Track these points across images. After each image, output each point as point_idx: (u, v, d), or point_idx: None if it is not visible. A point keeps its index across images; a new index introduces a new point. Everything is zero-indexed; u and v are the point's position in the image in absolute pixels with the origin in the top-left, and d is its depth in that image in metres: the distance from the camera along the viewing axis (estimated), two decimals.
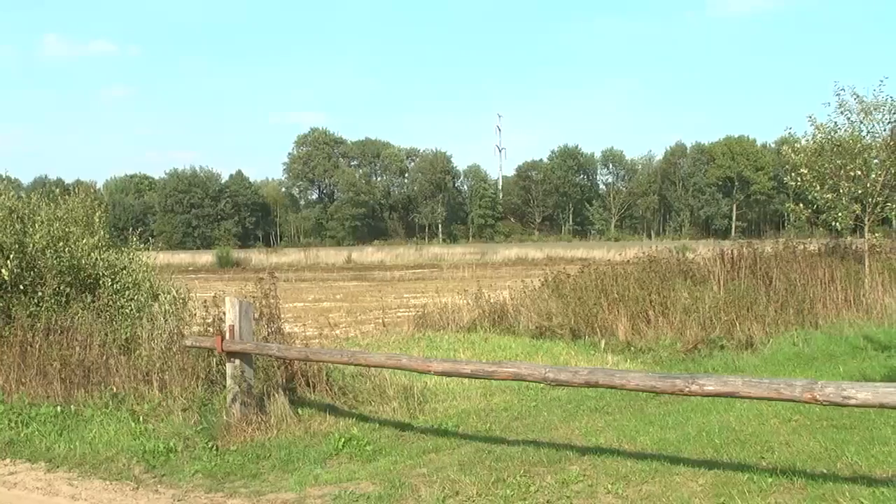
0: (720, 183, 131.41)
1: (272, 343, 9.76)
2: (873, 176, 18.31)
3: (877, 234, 19.51)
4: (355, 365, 9.24)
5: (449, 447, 8.24)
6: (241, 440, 8.68)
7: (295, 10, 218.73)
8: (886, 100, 18.49)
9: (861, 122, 18.67)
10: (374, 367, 9.53)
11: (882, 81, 18.83)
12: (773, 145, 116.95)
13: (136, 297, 12.09)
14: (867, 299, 16.29)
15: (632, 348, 14.39)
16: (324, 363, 9.91)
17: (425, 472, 7.27)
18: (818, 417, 8.27)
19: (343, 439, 8.50)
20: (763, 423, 8.33)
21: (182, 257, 76.99)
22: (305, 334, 14.83)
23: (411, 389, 10.34)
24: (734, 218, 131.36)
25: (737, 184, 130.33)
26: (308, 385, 10.14)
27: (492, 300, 19.15)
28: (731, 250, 18.81)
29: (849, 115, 18.75)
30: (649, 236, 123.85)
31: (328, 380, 10.24)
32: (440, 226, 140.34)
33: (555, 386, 8.27)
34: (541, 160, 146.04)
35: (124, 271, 12.48)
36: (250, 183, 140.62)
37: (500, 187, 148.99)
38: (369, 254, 79.90)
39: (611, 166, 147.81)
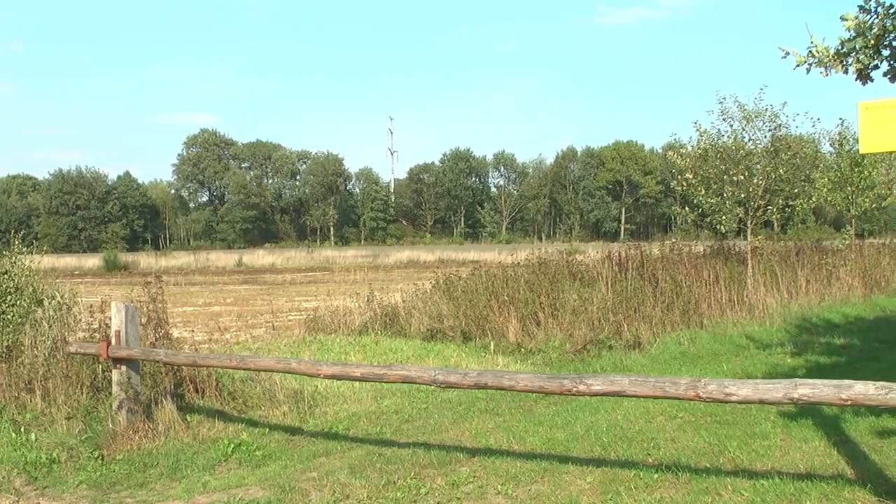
0: (609, 186, 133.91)
1: (159, 348, 9.61)
2: (755, 181, 18.88)
3: (759, 237, 20.20)
4: (245, 369, 9.16)
5: (339, 451, 8.22)
6: (128, 448, 8.51)
7: (183, 8, 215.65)
8: (766, 108, 19.08)
9: (743, 129, 19.24)
10: (264, 370, 9.48)
11: (762, 89, 19.47)
12: (660, 150, 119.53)
13: (18, 303, 11.70)
14: (750, 299, 16.78)
15: (522, 350, 14.50)
16: (213, 368, 9.76)
17: (315, 477, 7.24)
18: (703, 414, 8.51)
19: (232, 445, 8.43)
20: (649, 421, 8.51)
21: (68, 261, 74.60)
22: (195, 339, 14.65)
23: (301, 393, 10.30)
24: (623, 221, 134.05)
25: (626, 187, 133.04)
26: (197, 391, 10.00)
27: (383, 303, 19.10)
28: (619, 252, 19.14)
29: (731, 123, 19.32)
30: (540, 238, 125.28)
31: (217, 385, 10.10)
32: (332, 228, 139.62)
33: (445, 388, 8.32)
34: (433, 163, 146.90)
35: (5, 276, 12.07)
36: (139, 184, 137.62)
37: (392, 190, 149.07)
38: (260, 257, 78.72)
39: (502, 169, 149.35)
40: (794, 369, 10.89)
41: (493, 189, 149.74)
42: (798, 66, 6.66)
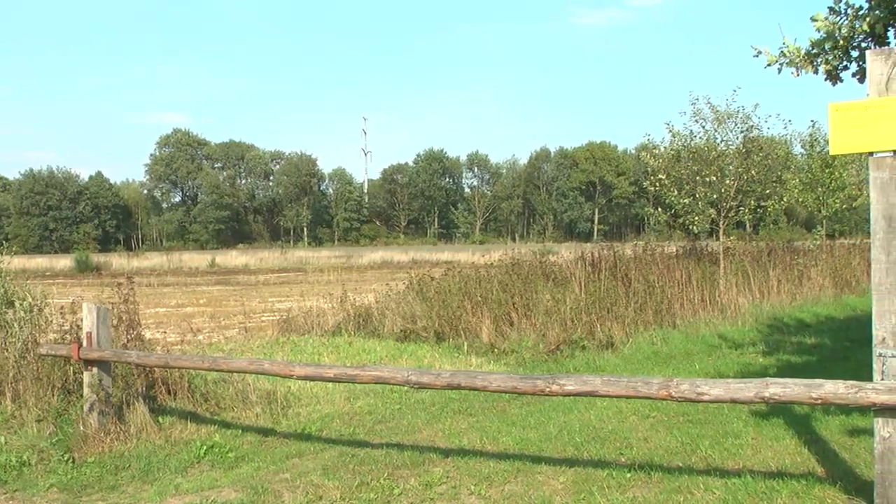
0: (583, 187, 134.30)
1: (131, 350, 9.56)
2: (727, 182, 18.99)
3: (731, 237, 20.32)
4: (217, 371, 9.11)
5: (312, 452, 8.19)
6: (100, 451, 8.44)
7: (156, 7, 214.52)
8: (738, 109, 19.21)
9: (715, 131, 19.36)
10: (237, 372, 9.44)
11: (735, 91, 19.59)
12: (633, 151, 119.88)
13: None
14: (722, 299, 16.86)
15: (495, 350, 14.52)
16: (185, 369, 9.72)
17: (288, 478, 7.21)
18: (675, 413, 8.54)
19: (205, 447, 8.38)
20: (622, 421, 8.53)
21: (39, 262, 73.88)
22: (167, 340, 14.56)
23: (274, 394, 10.26)
24: (596, 221, 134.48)
25: (599, 188, 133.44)
26: (169, 392, 9.95)
27: (357, 303, 19.11)
28: (593, 253, 19.19)
29: (703, 124, 19.43)
30: (514, 239, 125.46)
31: (190, 386, 10.05)
32: (305, 229, 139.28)
33: (418, 389, 8.31)
34: (406, 164, 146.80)
35: None
36: (111, 184, 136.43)
37: (365, 190, 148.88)
38: (233, 257, 78.44)
39: (476, 170, 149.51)
40: (766, 368, 10.95)
41: (467, 190, 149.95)
42: (769, 65, 6.71)
